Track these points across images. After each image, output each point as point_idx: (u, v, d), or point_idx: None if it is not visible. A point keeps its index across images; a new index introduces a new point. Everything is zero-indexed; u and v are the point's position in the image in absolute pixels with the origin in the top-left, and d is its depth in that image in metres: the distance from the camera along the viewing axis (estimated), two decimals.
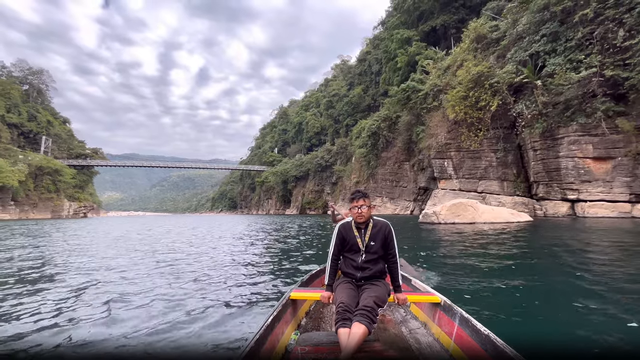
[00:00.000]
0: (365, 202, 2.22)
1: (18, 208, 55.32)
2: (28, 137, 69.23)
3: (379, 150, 48.08)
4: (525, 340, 2.28)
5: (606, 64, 17.52)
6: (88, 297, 3.67)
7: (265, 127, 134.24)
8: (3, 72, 75.22)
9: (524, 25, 22.35)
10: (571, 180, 19.56)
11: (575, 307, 3.01)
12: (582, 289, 3.70)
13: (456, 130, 28.12)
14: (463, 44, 30.05)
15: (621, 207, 17.47)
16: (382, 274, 2.28)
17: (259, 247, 8.84)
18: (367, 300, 1.96)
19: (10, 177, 50.67)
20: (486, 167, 26.85)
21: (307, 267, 5.27)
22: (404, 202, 43.51)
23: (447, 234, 10.71)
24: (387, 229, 2.26)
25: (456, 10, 43.18)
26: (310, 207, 71.82)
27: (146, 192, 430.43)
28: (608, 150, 18.18)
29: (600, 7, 17.98)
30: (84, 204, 73.11)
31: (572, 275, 4.35)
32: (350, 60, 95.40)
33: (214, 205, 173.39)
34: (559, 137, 20.27)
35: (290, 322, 2.23)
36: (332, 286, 2.26)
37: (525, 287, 3.80)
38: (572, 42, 19.32)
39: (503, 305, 3.19)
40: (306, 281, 2.88)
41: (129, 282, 4.42)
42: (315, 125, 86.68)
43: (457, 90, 26.02)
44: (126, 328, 2.64)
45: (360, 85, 72.24)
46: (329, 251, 2.36)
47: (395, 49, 47.65)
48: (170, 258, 6.64)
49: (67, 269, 5.52)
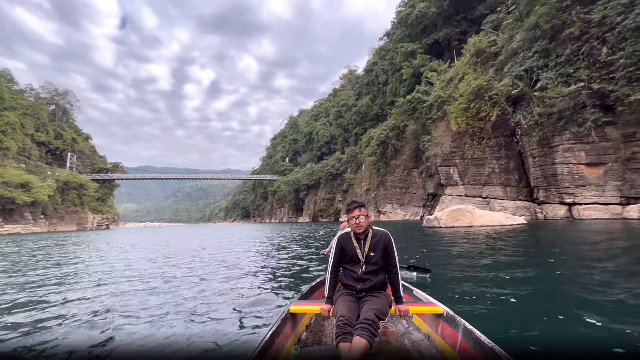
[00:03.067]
0: (362, 212, 2.22)
1: (47, 221, 58.59)
2: (55, 154, 72.68)
3: (388, 159, 49.87)
4: (516, 343, 2.40)
5: (594, 78, 19.13)
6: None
7: (276, 137, 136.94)
8: (32, 94, 79.93)
9: (518, 42, 24.14)
10: (567, 185, 21.03)
11: (553, 303, 3.33)
12: (552, 285, 4.17)
13: (460, 139, 29.81)
14: (464, 58, 31.90)
15: (613, 210, 18.83)
16: (383, 285, 2.25)
17: (268, 256, 8.98)
18: (368, 314, 1.94)
19: (41, 193, 53.86)
20: (490, 174, 28.34)
21: (316, 273, 5.46)
22: (414, 209, 44.78)
23: (446, 235, 12.57)
24: (387, 239, 2.25)
25: (458, 24, 45.08)
26: (322, 215, 73.52)
27: (161, 204, 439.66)
28: (599, 157, 19.64)
29: (585, 26, 19.67)
30: (106, 216, 76.60)
31: (550, 271, 5.00)
32: (358, 70, 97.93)
33: (227, 215, 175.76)
34: (554, 145, 21.81)
35: (291, 336, 2.20)
36: (333, 299, 2.24)
37: (509, 281, 4.35)
38: (562, 58, 20.99)
39: (485, 297, 3.55)
40: (306, 294, 2.86)
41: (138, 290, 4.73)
42: (325, 135, 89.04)
43: (459, 103, 27.83)
44: (121, 336, 2.78)
45: (368, 95, 74.15)
46: (328, 263, 2.35)
47: (400, 62, 49.81)
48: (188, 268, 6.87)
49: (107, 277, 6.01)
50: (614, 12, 18.51)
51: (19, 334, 2.96)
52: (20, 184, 51.69)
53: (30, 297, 4.47)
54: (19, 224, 52.98)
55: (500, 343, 1.61)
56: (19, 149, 60.57)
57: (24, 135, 62.81)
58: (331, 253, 2.35)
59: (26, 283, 5.58)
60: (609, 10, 18.73)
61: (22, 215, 53.95)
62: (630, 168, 18.40)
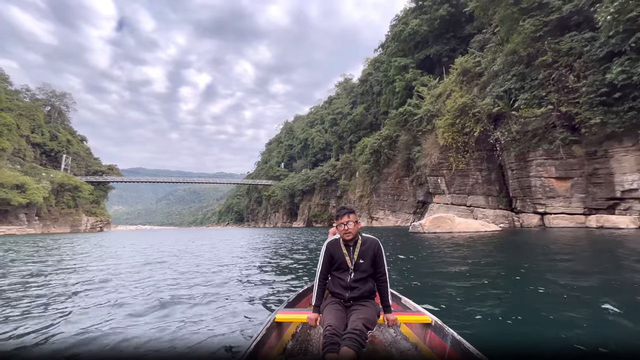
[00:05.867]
0: (350, 218, 2.21)
1: (41, 223, 58.54)
2: (49, 155, 72.33)
3: (381, 167, 51.96)
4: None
5: (562, 101, 21.55)
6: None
7: (271, 142, 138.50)
8: (27, 94, 79.45)
9: (498, 65, 26.57)
10: (539, 196, 23.39)
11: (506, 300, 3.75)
12: (502, 281, 4.83)
13: (447, 151, 32.07)
14: (451, 76, 34.35)
15: (577, 219, 21.17)
16: (371, 293, 2.24)
17: (260, 261, 8.82)
18: (356, 323, 1.92)
19: (37, 194, 53.82)
20: (473, 184, 30.61)
21: (302, 280, 5.43)
22: (405, 215, 46.77)
23: (427, 239, 14.52)
24: (376, 246, 2.24)
25: (448, 41, 47.91)
26: (316, 219, 75.01)
27: (152, 206, 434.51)
28: (567, 172, 22.03)
29: (555, 55, 22.14)
30: (100, 218, 76.39)
31: (498, 270, 5.94)
32: (353, 78, 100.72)
33: (220, 218, 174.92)
34: (529, 159, 24.18)
35: (275, 346, 2.16)
36: (320, 307, 2.22)
37: (468, 276, 5.13)
38: (536, 81, 23.42)
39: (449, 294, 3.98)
40: (292, 301, 2.82)
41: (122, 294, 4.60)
42: (320, 142, 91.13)
43: (446, 118, 30.15)
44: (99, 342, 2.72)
45: (362, 104, 76.27)
46: (316, 270, 2.33)
47: (393, 75, 52.35)
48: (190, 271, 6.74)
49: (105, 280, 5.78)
50: (579, 44, 21.02)
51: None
52: (16, 185, 51.63)
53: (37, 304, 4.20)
54: (14, 225, 53.05)
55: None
56: (13, 150, 60.68)
57: (19, 136, 62.93)
58: (319, 260, 2.33)
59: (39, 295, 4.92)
60: (575, 42, 21.23)
61: (16, 217, 53.97)
62: (592, 182, 20.81)
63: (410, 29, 50.23)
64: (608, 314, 3.17)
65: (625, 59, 17.73)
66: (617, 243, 10.60)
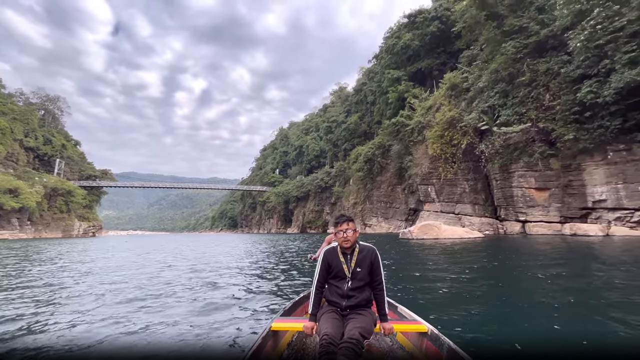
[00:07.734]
0: (350, 226, 2.21)
1: (33, 227, 57.95)
2: (42, 159, 71.86)
3: (374, 175, 53.48)
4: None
5: (540, 118, 23.36)
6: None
7: (266, 148, 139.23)
8: (21, 98, 78.79)
9: (483, 82, 28.44)
10: (521, 205, 25.07)
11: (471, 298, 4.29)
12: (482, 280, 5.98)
13: (436, 161, 33.73)
14: (441, 90, 36.23)
15: (554, 227, 22.82)
16: (367, 302, 2.24)
17: (255, 266, 9.03)
18: (353, 332, 1.93)
19: (30, 199, 53.63)
20: (461, 193, 32.22)
21: (301, 287, 5.45)
22: (397, 222, 48.08)
23: (414, 245, 15.87)
24: (373, 254, 2.24)
25: (438, 55, 50.14)
26: (310, 226, 76.04)
27: (143, 211, 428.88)
28: (545, 183, 23.78)
29: (534, 75, 24.02)
30: (92, 223, 75.80)
31: (478, 270, 7.71)
32: (348, 87, 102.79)
33: (213, 224, 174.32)
34: (511, 171, 25.91)
35: (272, 355, 2.16)
36: (316, 315, 2.20)
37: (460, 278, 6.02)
38: (517, 99, 25.27)
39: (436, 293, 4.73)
40: (288, 309, 2.80)
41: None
42: (315, 149, 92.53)
43: (435, 130, 31.87)
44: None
45: (357, 113, 77.94)
46: (313, 278, 2.32)
47: (387, 86, 54.36)
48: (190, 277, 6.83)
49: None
50: (557, 65, 22.89)
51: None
52: (9, 189, 51.47)
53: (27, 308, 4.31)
54: (6, 230, 52.68)
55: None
56: (7, 154, 60.32)
57: (12, 140, 62.61)
58: (316, 268, 2.32)
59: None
60: (552, 63, 23.12)
61: (8, 221, 53.58)
62: (568, 193, 22.55)
63: (402, 43, 52.41)
64: (577, 312, 3.63)
65: (594, 81, 19.58)
66: (585, 249, 11.84)
